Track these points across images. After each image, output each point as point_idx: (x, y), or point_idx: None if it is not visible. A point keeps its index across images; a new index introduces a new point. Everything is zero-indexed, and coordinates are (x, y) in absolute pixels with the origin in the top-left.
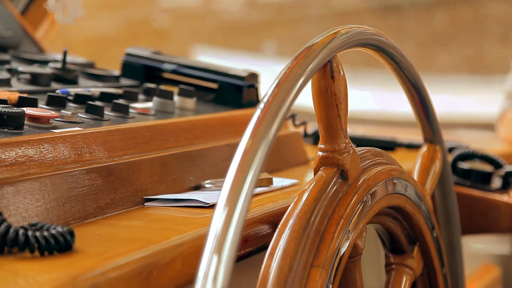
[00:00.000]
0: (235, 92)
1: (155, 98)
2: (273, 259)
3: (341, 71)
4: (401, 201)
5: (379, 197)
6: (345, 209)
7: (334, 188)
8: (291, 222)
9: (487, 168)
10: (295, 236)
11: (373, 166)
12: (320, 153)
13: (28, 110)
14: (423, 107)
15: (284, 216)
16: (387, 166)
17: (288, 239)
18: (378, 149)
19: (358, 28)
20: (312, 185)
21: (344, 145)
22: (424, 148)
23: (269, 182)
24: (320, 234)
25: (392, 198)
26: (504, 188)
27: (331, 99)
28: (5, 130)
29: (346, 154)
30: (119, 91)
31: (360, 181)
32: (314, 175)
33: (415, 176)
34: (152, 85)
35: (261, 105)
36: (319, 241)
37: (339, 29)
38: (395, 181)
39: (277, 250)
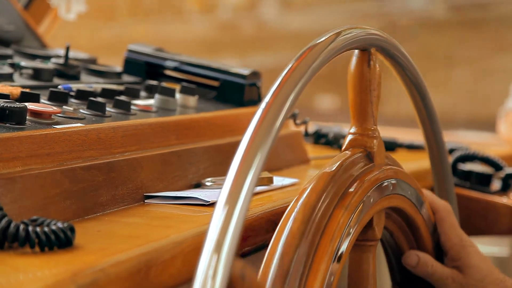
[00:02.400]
0: (237, 90)
1: (157, 95)
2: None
3: (376, 61)
4: (409, 206)
5: (395, 191)
6: (366, 180)
7: (360, 162)
8: (311, 185)
9: (487, 170)
10: (309, 205)
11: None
12: (349, 136)
13: (30, 105)
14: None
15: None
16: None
17: (309, 194)
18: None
19: (361, 29)
20: (339, 157)
21: (372, 130)
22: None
23: (270, 181)
24: (343, 189)
25: (402, 200)
26: (503, 190)
27: (365, 84)
28: (7, 125)
29: (374, 138)
30: (121, 87)
31: (385, 166)
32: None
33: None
34: (154, 82)
35: (263, 105)
36: (343, 193)
37: (342, 29)
38: (404, 184)
39: (288, 221)
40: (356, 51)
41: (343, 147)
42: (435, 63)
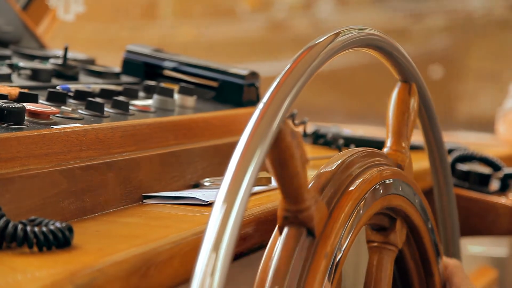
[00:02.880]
0: (235, 91)
1: (155, 96)
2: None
3: (416, 93)
4: (410, 207)
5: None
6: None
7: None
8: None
9: (486, 170)
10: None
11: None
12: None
13: (29, 106)
14: (424, 107)
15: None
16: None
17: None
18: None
19: (360, 29)
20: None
21: (405, 149)
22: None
23: (268, 181)
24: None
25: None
26: (502, 190)
27: (404, 109)
28: (5, 125)
29: (405, 155)
30: (120, 88)
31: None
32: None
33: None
34: (152, 83)
35: (261, 105)
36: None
37: (341, 30)
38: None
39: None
40: (399, 83)
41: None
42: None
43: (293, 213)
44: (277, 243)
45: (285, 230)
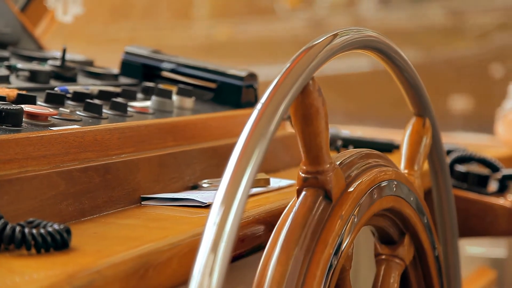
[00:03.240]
0: (233, 92)
1: (153, 97)
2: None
3: (429, 127)
4: (390, 201)
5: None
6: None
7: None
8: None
9: (484, 171)
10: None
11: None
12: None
13: (27, 107)
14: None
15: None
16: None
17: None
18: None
19: (358, 30)
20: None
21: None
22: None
23: (266, 182)
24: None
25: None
26: (500, 192)
27: (419, 140)
28: (3, 127)
29: (417, 178)
30: (118, 89)
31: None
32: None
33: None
34: (151, 84)
35: (259, 106)
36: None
37: (339, 31)
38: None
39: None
40: (414, 117)
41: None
42: None
43: (313, 174)
44: (296, 203)
45: (303, 192)
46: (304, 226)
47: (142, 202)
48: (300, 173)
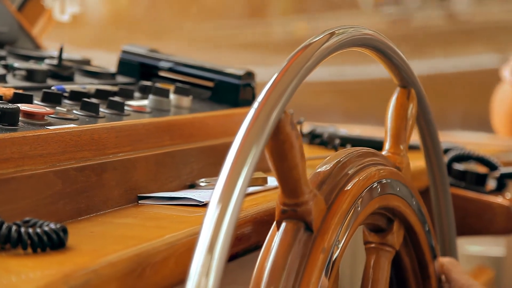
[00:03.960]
0: (231, 91)
1: (151, 96)
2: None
3: (415, 99)
4: (382, 201)
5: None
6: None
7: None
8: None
9: (482, 169)
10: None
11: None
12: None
13: (23, 106)
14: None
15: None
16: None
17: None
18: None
19: (355, 29)
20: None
21: (403, 152)
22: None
23: (264, 181)
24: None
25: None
26: (498, 190)
27: (403, 114)
28: (0, 126)
29: (404, 158)
30: (115, 88)
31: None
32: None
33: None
34: (148, 83)
35: (255, 105)
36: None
37: (335, 29)
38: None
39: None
40: (398, 88)
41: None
42: None
43: (291, 206)
44: (275, 237)
45: (283, 224)
46: (285, 266)
47: (139, 201)
48: (279, 204)
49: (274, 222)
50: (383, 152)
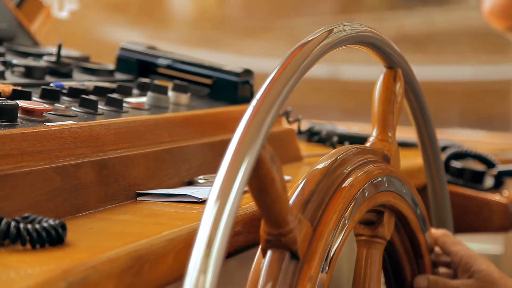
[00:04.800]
0: (229, 88)
1: (149, 93)
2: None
3: (402, 79)
4: (404, 204)
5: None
6: (376, 168)
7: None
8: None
9: (480, 167)
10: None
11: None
12: (370, 141)
13: (22, 103)
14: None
15: None
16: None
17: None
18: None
19: (353, 26)
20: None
21: (392, 137)
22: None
23: None
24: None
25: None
26: (496, 187)
27: (390, 97)
28: None
29: (392, 144)
30: (113, 85)
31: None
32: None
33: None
34: (146, 80)
35: (254, 102)
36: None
37: (334, 27)
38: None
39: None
40: (384, 69)
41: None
42: None
43: (276, 236)
44: (261, 265)
45: (268, 253)
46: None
47: (138, 198)
48: (264, 235)
49: (259, 248)
50: (370, 139)
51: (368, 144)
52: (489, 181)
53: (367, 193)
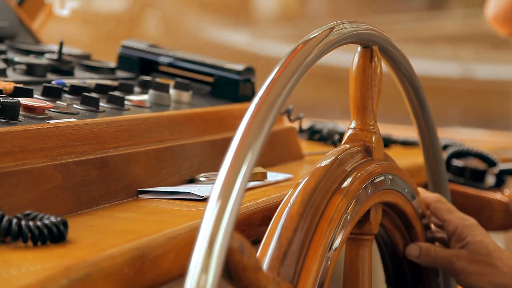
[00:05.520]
0: (231, 86)
1: (150, 91)
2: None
3: (379, 58)
4: (403, 202)
5: (391, 188)
6: (364, 171)
7: (359, 154)
8: (313, 168)
9: (481, 166)
10: (316, 177)
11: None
12: (349, 131)
13: (24, 101)
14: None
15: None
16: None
17: (311, 173)
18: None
19: (354, 24)
20: (338, 148)
21: (373, 125)
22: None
23: (263, 176)
24: (338, 183)
25: (397, 195)
26: (497, 186)
27: (367, 80)
28: (0, 120)
29: (373, 134)
30: (115, 83)
31: (384, 162)
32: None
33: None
34: (148, 78)
35: (256, 100)
36: (343, 178)
37: (335, 24)
38: (398, 180)
39: (282, 216)
40: (359, 47)
41: (343, 141)
42: None
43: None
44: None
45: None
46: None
47: (139, 196)
48: (348, 131)
49: None
50: (350, 129)
51: (347, 135)
52: (490, 180)
53: (349, 221)
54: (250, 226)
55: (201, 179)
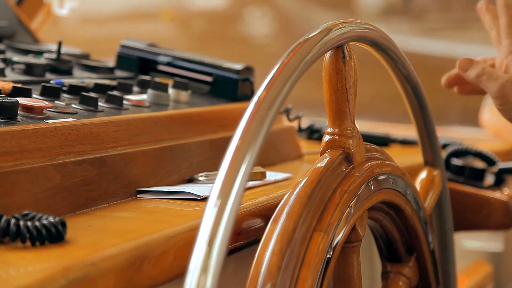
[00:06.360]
0: (230, 86)
1: (149, 90)
2: (277, 223)
3: (352, 57)
4: (402, 201)
5: (382, 187)
6: (349, 185)
7: (340, 167)
8: (297, 190)
9: (480, 164)
10: (300, 201)
11: (376, 159)
12: (327, 137)
13: (22, 100)
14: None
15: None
16: (389, 162)
17: (293, 204)
18: (378, 147)
19: (354, 23)
20: (318, 163)
21: (351, 129)
22: (424, 173)
23: (263, 175)
24: (324, 203)
25: (393, 194)
26: (497, 185)
27: (341, 83)
28: None
29: (352, 138)
30: (114, 82)
31: (365, 166)
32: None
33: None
34: (146, 77)
35: (255, 99)
36: (323, 209)
37: (335, 23)
38: (397, 179)
39: (282, 215)
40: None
41: (321, 148)
42: None
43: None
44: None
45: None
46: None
47: (138, 195)
48: (325, 136)
49: None
50: (327, 136)
51: (325, 140)
52: (489, 179)
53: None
54: (250, 225)
55: (200, 178)
